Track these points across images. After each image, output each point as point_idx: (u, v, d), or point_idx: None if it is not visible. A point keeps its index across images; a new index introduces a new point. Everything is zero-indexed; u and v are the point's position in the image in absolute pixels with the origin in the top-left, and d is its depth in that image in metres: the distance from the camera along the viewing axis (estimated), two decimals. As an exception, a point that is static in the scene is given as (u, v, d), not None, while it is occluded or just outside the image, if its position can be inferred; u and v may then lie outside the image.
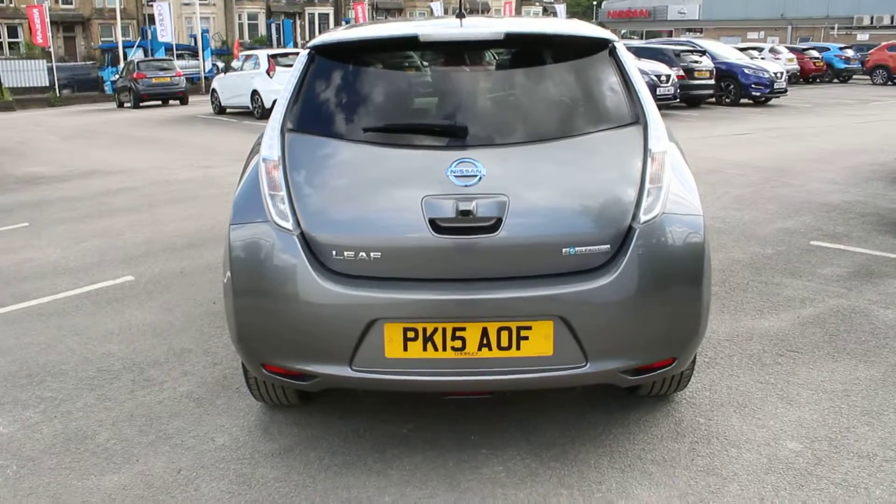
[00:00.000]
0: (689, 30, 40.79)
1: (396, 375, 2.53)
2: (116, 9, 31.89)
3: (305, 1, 60.35)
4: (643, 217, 2.51)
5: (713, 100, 17.46)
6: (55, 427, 3.21)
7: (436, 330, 2.48)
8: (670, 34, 37.93)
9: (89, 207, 7.82)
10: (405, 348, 2.50)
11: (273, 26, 51.70)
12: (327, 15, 59.04)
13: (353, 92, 2.79)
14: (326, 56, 2.88)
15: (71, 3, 46.53)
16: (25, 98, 25.80)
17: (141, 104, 22.82)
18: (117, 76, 25.58)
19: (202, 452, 2.96)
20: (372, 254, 2.51)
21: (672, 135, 2.94)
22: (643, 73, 13.82)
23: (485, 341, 2.48)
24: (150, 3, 34.22)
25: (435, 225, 2.48)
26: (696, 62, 16.31)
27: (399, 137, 2.66)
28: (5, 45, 38.60)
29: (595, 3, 50.49)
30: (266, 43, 48.91)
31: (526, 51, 2.88)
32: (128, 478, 2.81)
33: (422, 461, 2.82)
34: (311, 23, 60.17)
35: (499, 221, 2.47)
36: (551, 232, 2.49)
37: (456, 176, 2.51)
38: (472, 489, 2.64)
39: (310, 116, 2.77)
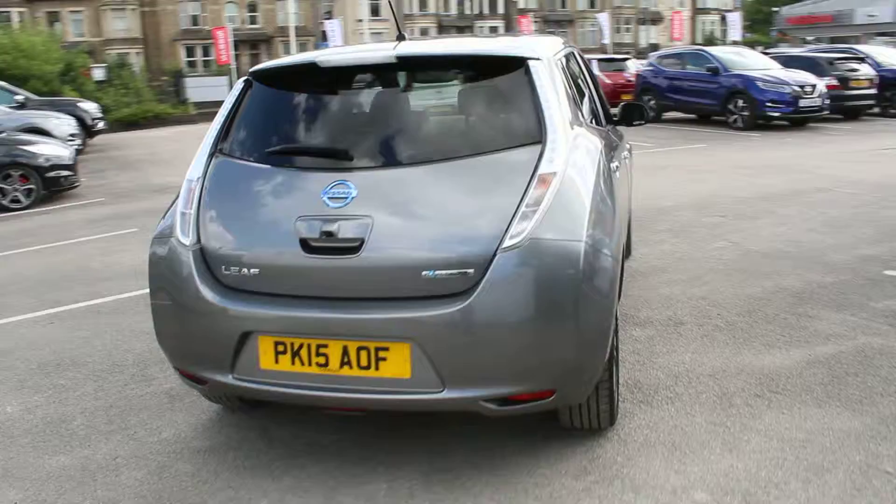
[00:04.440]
0: (882, 34, 37.09)
1: (269, 386, 2.64)
2: (290, 27, 34.25)
3: (475, 15, 61.67)
4: (507, 242, 2.44)
5: (877, 111, 15.84)
6: (48, 411, 3.62)
7: (301, 345, 2.56)
8: (858, 40, 34.75)
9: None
10: (276, 361, 2.60)
11: (440, 40, 53.26)
12: (497, 28, 59.99)
13: (266, 117, 2.94)
14: (259, 82, 3.04)
15: (257, 23, 50.78)
16: (208, 112, 28.50)
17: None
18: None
19: (144, 444, 3.23)
20: (251, 269, 2.65)
21: (600, 153, 2.82)
22: (783, 83, 12.89)
23: (346, 359, 2.52)
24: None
25: (306, 244, 2.56)
26: (853, 70, 14.88)
27: (291, 159, 2.78)
28: (199, 64, 42.89)
29: (775, 9, 47.34)
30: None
31: (429, 73, 2.89)
32: (72, 460, 3.12)
33: (319, 471, 2.90)
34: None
35: (362, 243, 2.51)
36: (412, 255, 2.49)
37: (329, 198, 2.58)
38: (345, 503, 2.68)
39: (232, 140, 2.95)
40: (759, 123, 13.76)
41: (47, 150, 9.62)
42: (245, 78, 3.10)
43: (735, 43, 34.86)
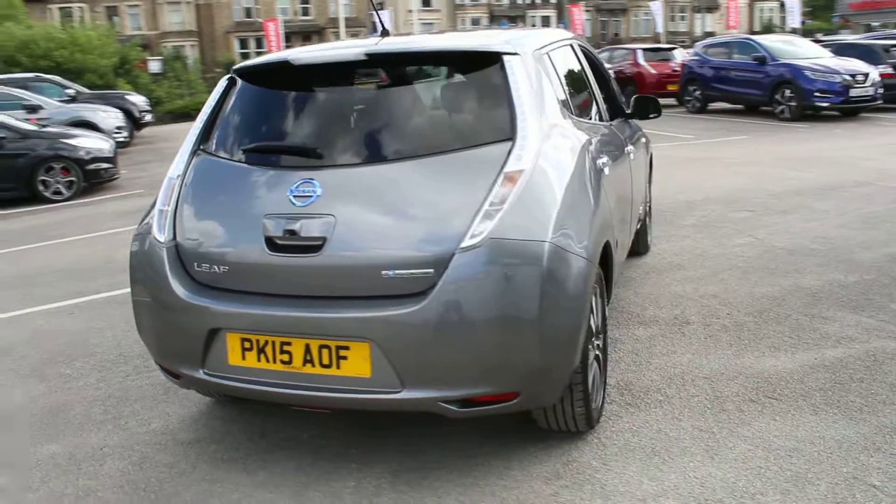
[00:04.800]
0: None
1: (237, 382, 2.66)
2: (340, 17, 34.37)
3: (528, 4, 61.09)
4: (466, 242, 2.39)
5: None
6: (50, 399, 3.72)
7: (267, 342, 2.57)
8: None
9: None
10: (243, 357, 2.62)
11: (489, 31, 52.99)
12: (549, 17, 59.28)
13: (245, 114, 2.95)
14: (242, 80, 3.05)
15: (309, 14, 51.37)
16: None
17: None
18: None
19: (133, 434, 3.29)
20: (221, 267, 2.66)
21: (585, 149, 2.77)
22: (833, 72, 12.42)
23: (308, 357, 2.52)
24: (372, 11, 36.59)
25: (272, 243, 2.56)
26: (911, 57, 14.24)
27: (264, 157, 2.78)
28: (253, 55, 43.62)
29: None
30: (484, 47, 50.02)
31: (400, 70, 2.84)
32: (62, 448, 3.20)
33: (293, 467, 2.91)
34: (534, 26, 60.78)
35: (325, 242, 2.50)
36: (372, 254, 2.47)
37: (295, 196, 2.57)
38: (313, 500, 2.68)
39: (213, 138, 2.97)
40: (807, 114, 13.29)
41: (88, 143, 9.90)
42: (228, 76, 3.11)
43: (794, 31, 33.76)
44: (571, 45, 3.79)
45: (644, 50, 17.85)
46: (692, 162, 9.61)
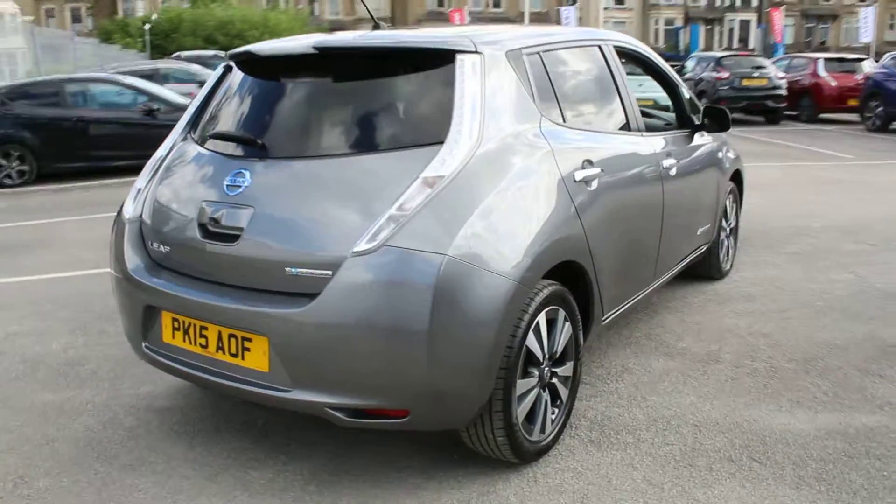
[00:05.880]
0: None
1: (166, 359, 2.74)
2: (525, 11, 34.36)
3: (726, 7, 57.83)
4: (360, 246, 2.29)
5: None
6: (79, 352, 4.05)
7: (190, 324, 2.63)
8: None
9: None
10: (173, 336, 2.70)
11: (679, 33, 50.83)
12: (748, 21, 55.68)
13: (225, 102, 3.02)
14: (237, 68, 3.12)
15: (500, 7, 51.86)
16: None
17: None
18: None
19: (119, 395, 3.51)
20: (165, 247, 2.76)
21: (552, 160, 2.67)
22: None
23: (220, 344, 2.55)
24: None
25: (204, 228, 2.61)
26: None
27: (220, 145, 2.83)
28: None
29: None
30: (673, 49, 48.33)
31: (350, 65, 2.76)
32: (56, 398, 3.48)
33: (228, 449, 2.96)
34: (731, 30, 57.48)
35: (241, 232, 2.50)
36: (278, 249, 2.45)
37: (228, 185, 2.60)
38: (223, 484, 2.71)
39: (198, 123, 3.08)
40: None
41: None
42: (224, 63, 3.20)
43: None
44: (600, 47, 3.51)
45: (827, 60, 16.25)
46: (834, 184, 8.66)
